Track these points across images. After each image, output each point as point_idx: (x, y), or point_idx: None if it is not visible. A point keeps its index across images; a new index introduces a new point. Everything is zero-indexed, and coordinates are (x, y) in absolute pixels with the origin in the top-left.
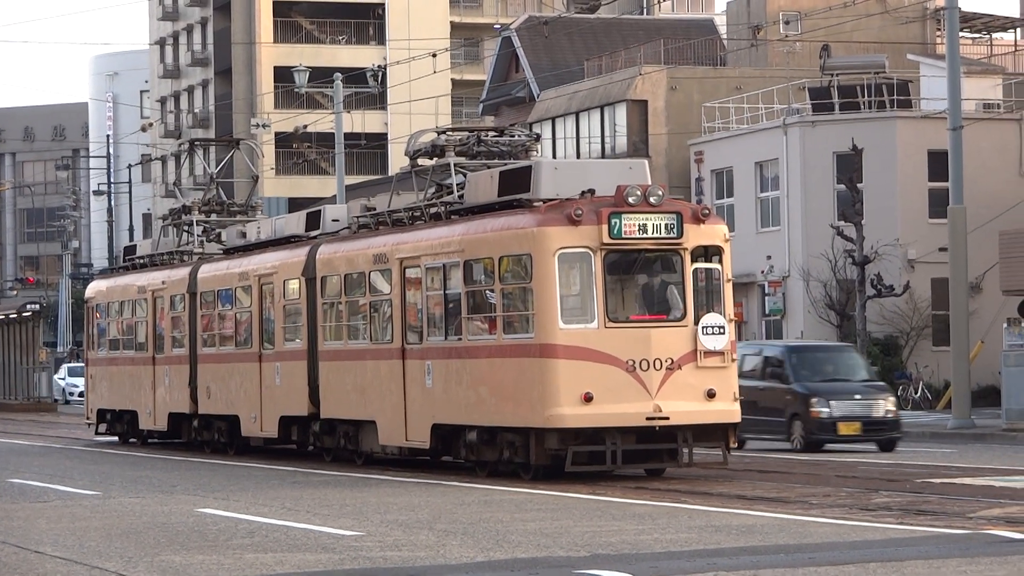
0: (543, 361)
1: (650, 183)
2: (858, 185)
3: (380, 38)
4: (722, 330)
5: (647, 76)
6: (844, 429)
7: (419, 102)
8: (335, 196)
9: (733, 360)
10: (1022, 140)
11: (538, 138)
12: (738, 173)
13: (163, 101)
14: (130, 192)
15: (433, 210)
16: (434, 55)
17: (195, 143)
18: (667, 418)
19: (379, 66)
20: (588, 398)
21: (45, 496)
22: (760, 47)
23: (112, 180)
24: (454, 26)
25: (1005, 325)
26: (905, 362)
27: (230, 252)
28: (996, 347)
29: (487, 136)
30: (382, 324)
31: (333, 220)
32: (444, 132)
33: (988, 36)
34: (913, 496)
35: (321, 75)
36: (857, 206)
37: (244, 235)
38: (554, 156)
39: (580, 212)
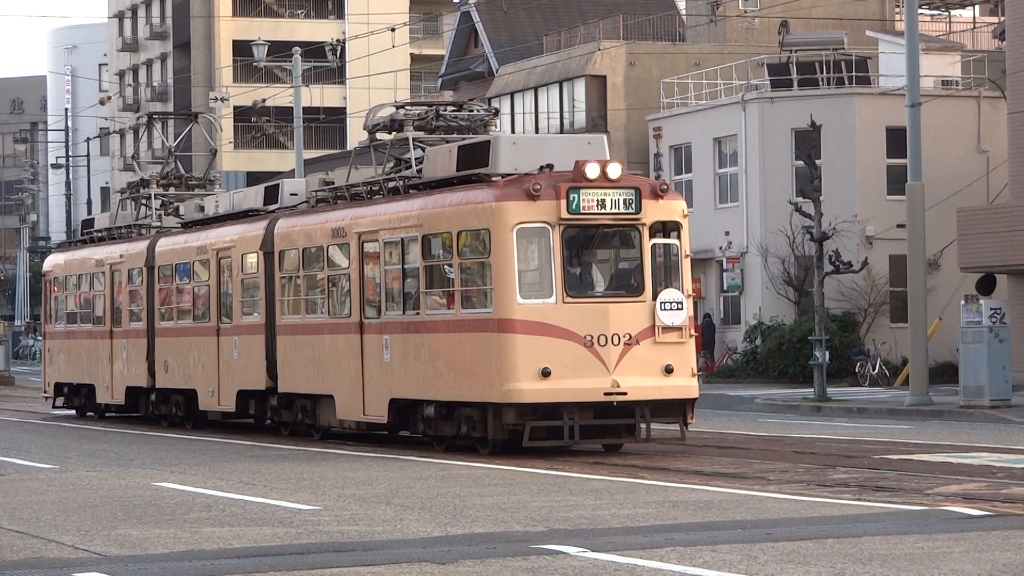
0: (501, 336)
1: (609, 158)
2: (816, 161)
3: (339, 12)
4: (680, 306)
5: (606, 51)
6: None
7: (378, 76)
8: (293, 170)
9: (691, 336)
10: (980, 117)
11: (496, 113)
12: (696, 149)
13: (122, 74)
14: (88, 165)
15: (392, 184)
16: (393, 29)
17: (153, 116)
18: (625, 393)
19: (338, 40)
20: (546, 373)
21: (1, 469)
22: (719, 23)
23: (70, 153)
24: (413, 0)
25: (963, 302)
26: (863, 338)
27: (188, 226)
28: (954, 324)
29: (446, 111)
30: (340, 298)
31: (291, 194)
32: (403, 106)
33: (947, 13)
34: (871, 472)
35: (280, 49)
36: (815, 182)
37: (202, 209)
38: (513, 131)
39: (538, 187)
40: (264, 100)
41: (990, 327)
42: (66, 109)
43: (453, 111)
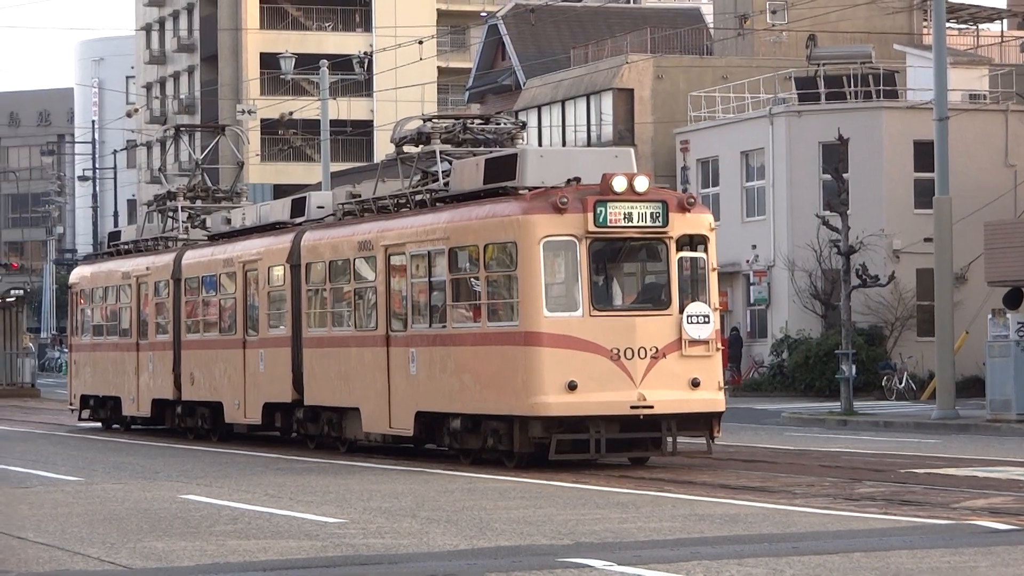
0: (528, 349)
1: (636, 171)
2: (844, 175)
3: (366, 25)
4: (707, 319)
5: (633, 65)
6: None
7: (405, 89)
8: (320, 183)
9: (718, 349)
10: (1008, 131)
11: (524, 126)
12: (724, 162)
13: (149, 87)
14: (115, 178)
15: (418, 197)
16: (420, 42)
17: (180, 129)
18: (651, 407)
19: (365, 53)
20: (572, 386)
21: (28, 482)
22: (747, 36)
23: (97, 166)
24: (440, 13)
25: (990, 316)
26: (890, 352)
27: (215, 238)
28: (981, 338)
29: (473, 123)
30: (367, 311)
31: (318, 207)
32: (430, 119)
33: (974, 27)
34: (897, 486)
35: (307, 62)
36: (843, 196)
37: (229, 221)
38: (540, 144)
39: (565, 200)
40: (291, 113)
41: (1017, 341)
42: (93, 121)
43: (480, 124)
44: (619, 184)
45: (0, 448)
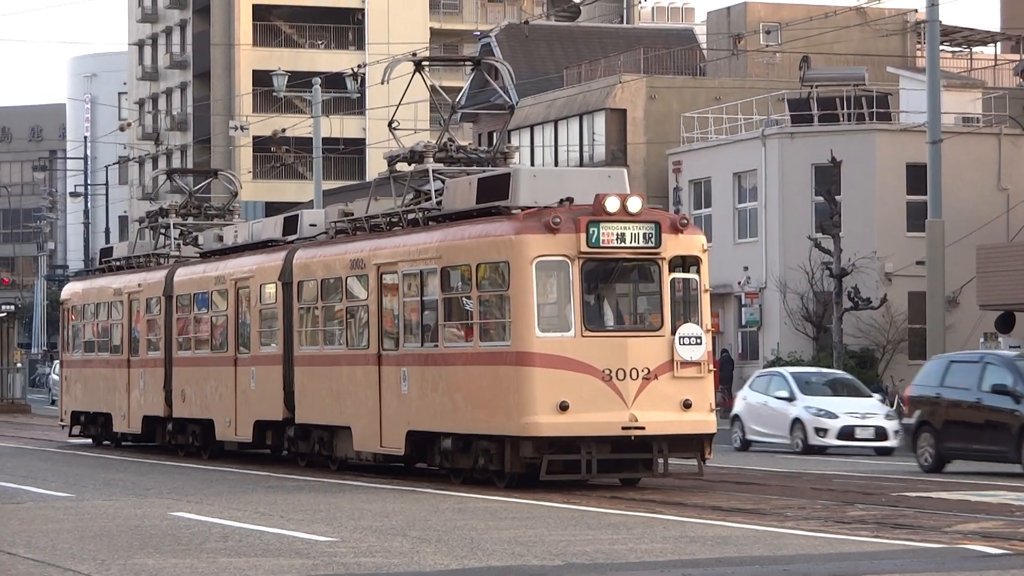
0: (519, 369)
1: (628, 192)
2: (836, 197)
3: (359, 43)
4: (699, 340)
5: (626, 85)
6: None
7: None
8: (312, 201)
9: (710, 371)
10: (1001, 154)
11: (512, 109)
12: (716, 183)
13: (141, 103)
14: (107, 194)
15: (411, 216)
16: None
17: (173, 173)
18: (643, 428)
19: (358, 69)
20: (564, 407)
21: (18, 497)
22: (740, 57)
23: (89, 182)
24: (434, 32)
25: (982, 339)
26: (881, 375)
27: (207, 255)
28: None
29: (466, 145)
30: (358, 330)
31: (310, 225)
32: (421, 61)
33: (968, 50)
34: (889, 509)
35: (300, 79)
36: (835, 218)
37: (221, 239)
38: (532, 164)
39: (558, 220)
40: (284, 130)
41: None
42: (85, 137)
43: (473, 146)
44: (612, 204)
45: None
